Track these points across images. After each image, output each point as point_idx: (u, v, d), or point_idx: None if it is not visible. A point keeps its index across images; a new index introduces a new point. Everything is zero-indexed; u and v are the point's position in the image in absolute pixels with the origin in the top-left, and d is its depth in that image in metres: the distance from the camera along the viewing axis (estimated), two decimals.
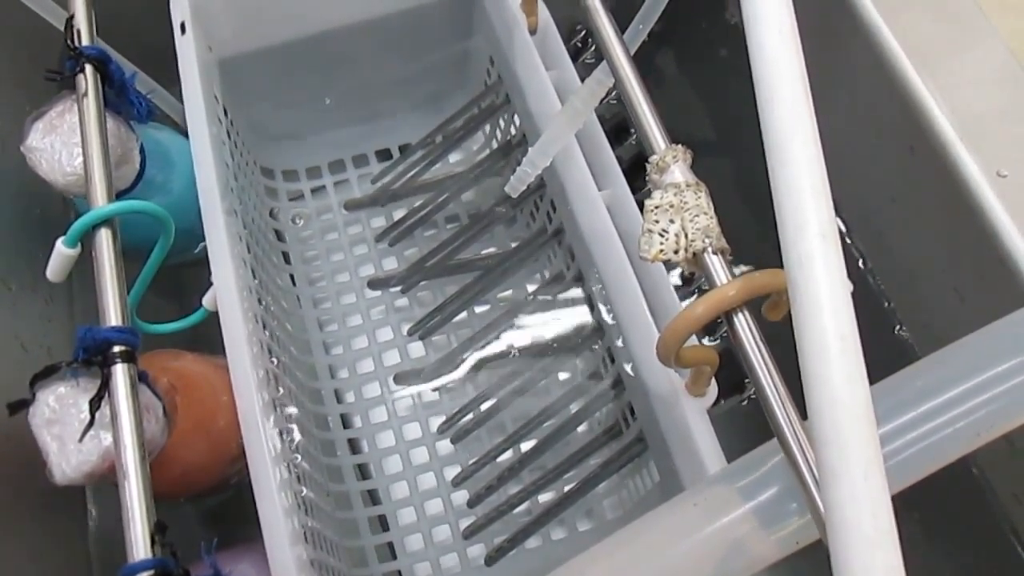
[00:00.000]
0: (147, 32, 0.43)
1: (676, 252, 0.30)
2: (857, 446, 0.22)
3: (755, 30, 0.26)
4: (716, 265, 0.29)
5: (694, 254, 0.30)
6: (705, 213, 0.30)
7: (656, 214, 0.30)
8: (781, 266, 0.25)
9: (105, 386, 0.29)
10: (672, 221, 0.30)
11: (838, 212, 0.45)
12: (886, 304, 0.42)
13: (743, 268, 0.49)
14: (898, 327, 0.42)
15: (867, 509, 0.21)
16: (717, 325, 0.47)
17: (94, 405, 0.29)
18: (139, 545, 0.27)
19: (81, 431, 0.29)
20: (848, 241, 0.44)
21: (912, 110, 0.36)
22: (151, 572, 0.26)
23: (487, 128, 0.54)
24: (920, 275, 0.40)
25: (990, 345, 0.28)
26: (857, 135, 0.41)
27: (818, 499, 0.25)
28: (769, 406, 0.27)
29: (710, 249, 0.29)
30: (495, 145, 0.53)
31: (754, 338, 0.28)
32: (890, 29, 0.37)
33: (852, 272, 0.44)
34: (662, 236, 0.30)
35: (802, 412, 0.26)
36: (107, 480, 0.31)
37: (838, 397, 0.23)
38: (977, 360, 0.28)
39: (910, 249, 0.40)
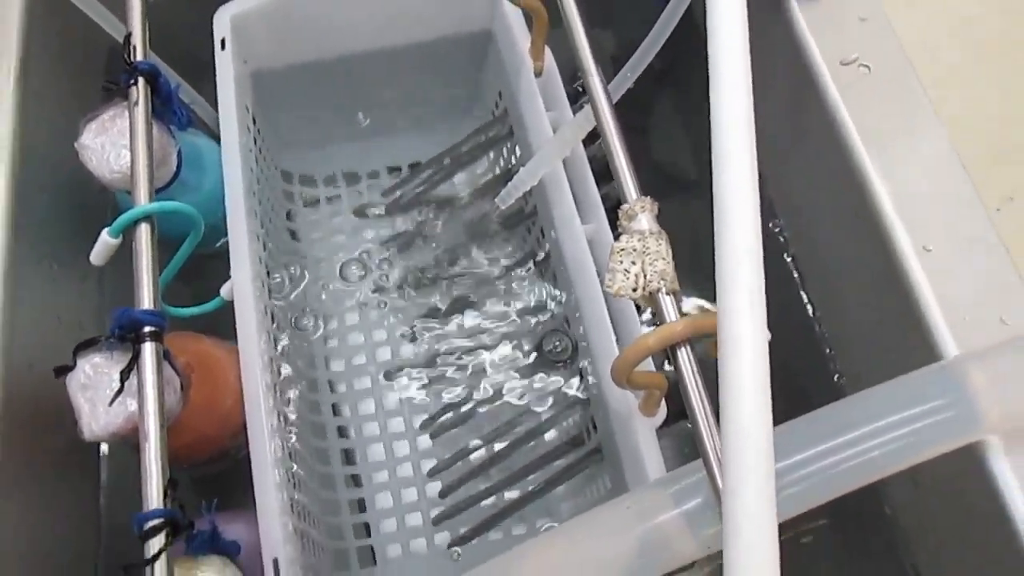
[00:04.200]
0: (191, 44, 0.48)
1: (635, 290, 0.34)
2: (754, 470, 0.27)
3: (717, 122, 0.31)
4: (668, 305, 0.34)
5: (650, 293, 0.34)
6: (663, 259, 0.35)
7: (621, 256, 0.35)
8: None
9: (135, 360, 0.34)
10: (634, 263, 0.35)
11: (796, 262, 0.49)
12: (828, 351, 0.47)
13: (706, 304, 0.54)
14: (836, 373, 0.47)
15: (755, 522, 0.26)
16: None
17: (124, 375, 0.34)
18: (153, 497, 0.31)
19: (111, 397, 0.34)
20: (802, 290, 0.49)
21: (859, 183, 0.41)
22: (162, 520, 0.31)
23: (491, 155, 0.59)
24: (856, 329, 0.45)
25: (887, 397, 0.33)
26: (815, 198, 0.46)
27: None
28: (698, 429, 0.32)
29: (664, 290, 0.34)
30: (497, 171, 0.58)
31: (692, 370, 0.33)
32: (847, 109, 0.42)
33: (802, 318, 0.48)
34: (624, 275, 0.35)
35: None
36: (127, 440, 0.35)
37: (745, 430, 0.28)
38: (874, 409, 0.33)
39: (851, 304, 0.45)
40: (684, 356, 0.33)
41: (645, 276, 0.35)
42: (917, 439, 0.33)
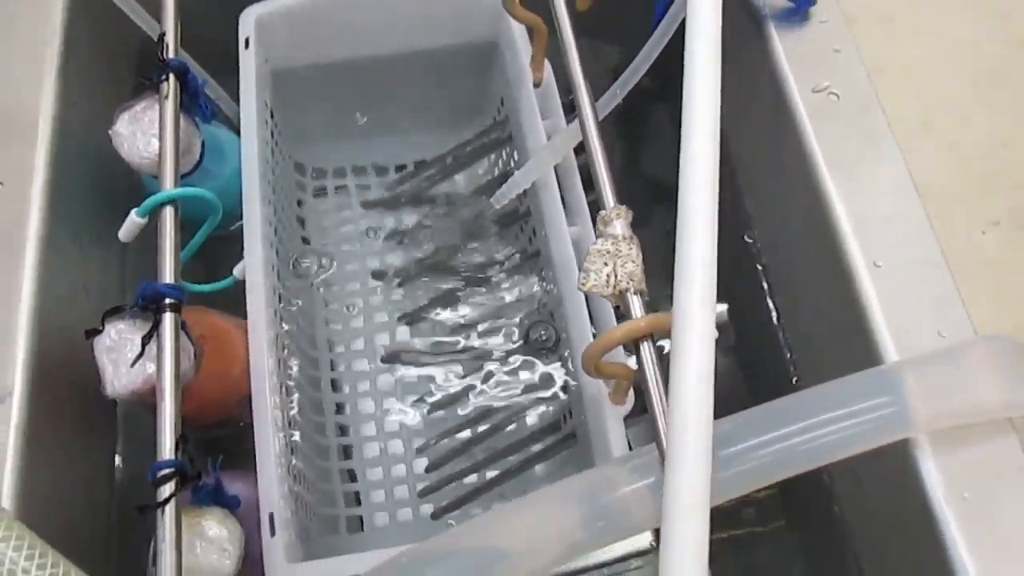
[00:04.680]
0: (217, 43, 0.52)
1: (606, 288, 0.38)
2: (693, 448, 0.31)
3: (687, 149, 0.35)
4: (634, 303, 0.38)
5: (620, 292, 0.38)
6: (633, 262, 0.39)
7: (596, 256, 0.39)
8: None
9: (155, 328, 0.38)
10: (606, 264, 0.39)
11: (766, 272, 0.53)
12: (788, 354, 0.51)
13: None
14: (795, 376, 0.50)
15: (688, 489, 0.30)
16: None
17: (145, 341, 0.38)
18: (167, 449, 0.35)
19: (133, 359, 0.38)
20: (769, 298, 0.52)
21: (822, 202, 0.44)
22: (173, 469, 0.35)
23: (491, 157, 0.62)
24: (813, 335, 0.48)
25: (833, 394, 0.37)
26: (785, 213, 0.50)
27: None
28: (653, 413, 0.35)
29: (631, 290, 0.38)
30: (496, 173, 0.62)
31: (652, 361, 0.37)
32: (815, 133, 0.45)
33: (767, 324, 0.52)
34: (597, 274, 0.38)
35: None
36: (144, 399, 0.39)
37: (689, 416, 0.31)
38: (821, 404, 0.37)
39: (810, 312, 0.49)
40: (646, 349, 0.37)
41: (616, 276, 0.38)
42: (857, 431, 0.37)
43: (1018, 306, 0.84)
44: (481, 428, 0.54)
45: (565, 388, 0.52)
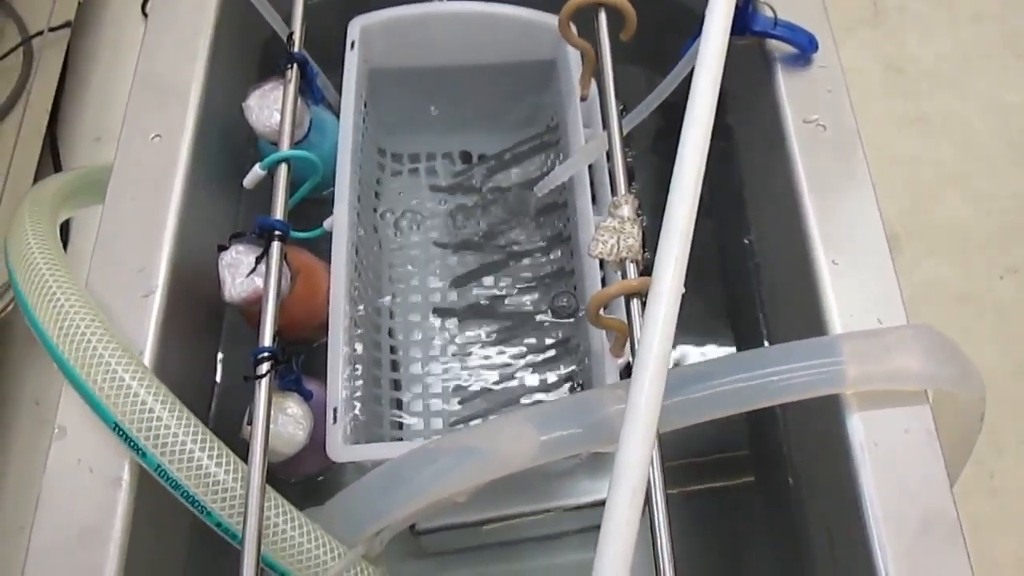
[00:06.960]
0: (329, 44, 0.65)
1: (609, 255, 0.49)
2: (648, 380, 0.41)
3: (679, 172, 0.45)
4: (631, 268, 0.48)
5: (621, 260, 0.49)
6: (634, 238, 0.49)
7: (604, 231, 0.50)
8: None
9: (265, 252, 0.50)
10: (612, 237, 0.49)
11: (757, 269, 0.63)
12: (765, 331, 0.61)
13: None
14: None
15: (642, 412, 0.40)
16: None
17: (257, 261, 0.50)
18: (267, 338, 0.47)
19: (246, 273, 0.50)
20: (757, 289, 0.62)
21: (800, 212, 0.54)
22: (269, 354, 0.47)
23: (542, 156, 0.74)
24: (784, 317, 0.58)
25: (787, 352, 0.47)
26: (774, 220, 0.60)
27: None
28: (635, 353, 0.46)
29: (630, 259, 0.48)
30: (545, 169, 0.73)
31: (637, 314, 0.47)
32: (800, 158, 0.55)
33: (752, 309, 0.62)
34: (603, 244, 0.49)
35: None
36: (249, 307, 0.52)
37: (653, 352, 0.41)
38: (776, 358, 0.47)
39: (783, 299, 0.58)
40: (635, 304, 0.48)
41: (618, 248, 0.49)
42: (802, 381, 0.46)
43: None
44: (508, 376, 0.65)
45: (578, 347, 0.62)
